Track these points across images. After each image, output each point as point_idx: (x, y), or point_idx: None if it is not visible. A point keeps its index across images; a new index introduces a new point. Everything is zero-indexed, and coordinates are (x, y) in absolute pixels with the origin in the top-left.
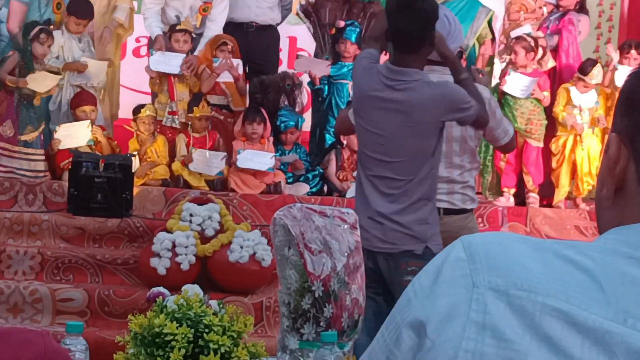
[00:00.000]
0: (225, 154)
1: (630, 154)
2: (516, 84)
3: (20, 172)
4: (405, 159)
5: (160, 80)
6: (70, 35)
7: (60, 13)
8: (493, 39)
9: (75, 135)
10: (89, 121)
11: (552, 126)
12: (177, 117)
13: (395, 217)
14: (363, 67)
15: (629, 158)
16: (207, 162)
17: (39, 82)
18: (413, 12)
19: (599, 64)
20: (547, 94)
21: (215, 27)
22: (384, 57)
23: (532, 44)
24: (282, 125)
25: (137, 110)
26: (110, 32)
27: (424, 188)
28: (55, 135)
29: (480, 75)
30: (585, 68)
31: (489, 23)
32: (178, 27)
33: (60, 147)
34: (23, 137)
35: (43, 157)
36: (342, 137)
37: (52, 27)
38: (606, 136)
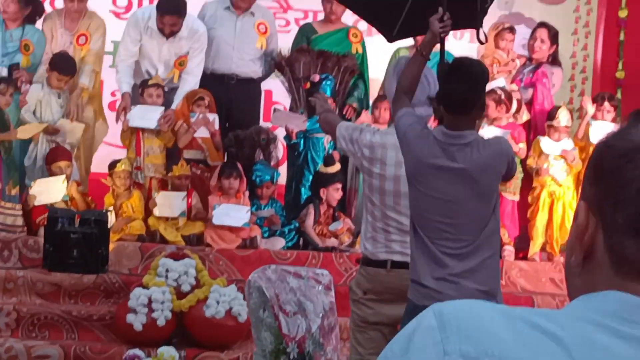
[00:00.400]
0: (185, 193)
1: (599, 222)
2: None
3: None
4: (472, 220)
5: (131, 135)
6: (50, 91)
7: (28, 54)
8: None
9: (50, 190)
10: (63, 176)
11: (529, 178)
12: (141, 172)
13: (470, 275)
14: (417, 133)
15: (597, 226)
16: (170, 203)
17: (28, 132)
18: (466, 75)
19: (563, 107)
20: (522, 145)
21: (192, 79)
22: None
23: (503, 96)
24: (258, 179)
25: (112, 165)
26: (78, 96)
27: (492, 244)
28: (31, 191)
29: None
30: (551, 114)
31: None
32: (150, 82)
33: (36, 203)
34: (9, 192)
35: (21, 212)
36: (321, 192)
37: (21, 76)
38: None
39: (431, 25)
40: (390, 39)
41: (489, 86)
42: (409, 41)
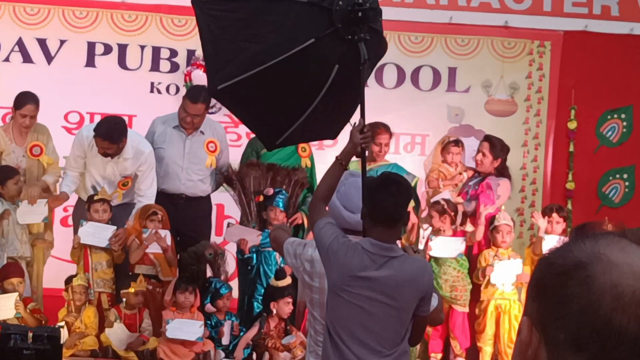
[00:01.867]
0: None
1: (541, 337)
2: (442, 247)
3: None
4: (390, 333)
5: (80, 251)
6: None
7: None
8: (417, 206)
9: (3, 307)
10: (16, 294)
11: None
12: (91, 289)
13: None
14: (343, 245)
15: (540, 342)
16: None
17: None
18: (397, 189)
19: (499, 213)
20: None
21: (146, 201)
22: None
23: (445, 206)
24: (220, 291)
25: (69, 280)
26: (39, 189)
27: None
28: None
29: (416, 253)
30: (492, 222)
31: (414, 189)
32: (96, 197)
33: None
34: None
35: None
36: (271, 306)
37: None
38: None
39: (352, 137)
40: (272, 146)
41: (434, 199)
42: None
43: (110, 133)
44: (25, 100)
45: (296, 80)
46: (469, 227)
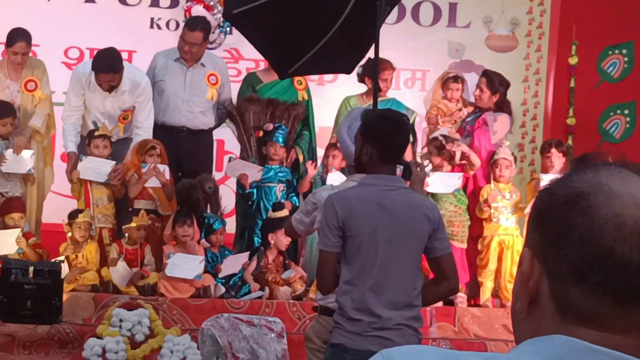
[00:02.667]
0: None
1: (543, 268)
2: (439, 183)
3: None
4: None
5: (80, 186)
6: None
7: None
8: (414, 142)
9: (5, 242)
10: (19, 230)
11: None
12: (94, 224)
13: None
14: (340, 198)
15: (542, 272)
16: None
17: None
18: (407, 128)
19: (500, 148)
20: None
21: (143, 133)
22: None
23: (443, 142)
24: (213, 226)
25: (73, 214)
26: (26, 138)
27: None
28: None
29: (418, 169)
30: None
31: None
32: (97, 133)
33: None
34: None
35: None
36: (269, 237)
37: None
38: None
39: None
40: (284, 75)
41: (433, 136)
42: (358, 89)
43: (110, 64)
44: (17, 38)
45: (312, 10)
46: (477, 161)
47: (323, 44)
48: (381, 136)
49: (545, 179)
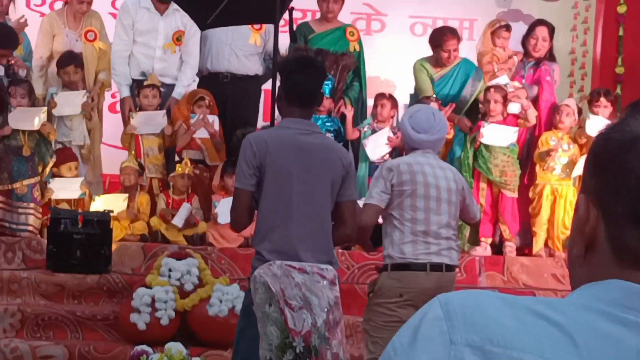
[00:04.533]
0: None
1: (599, 213)
2: (495, 135)
3: (11, 226)
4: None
5: (130, 137)
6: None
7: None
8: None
9: (68, 188)
10: (82, 178)
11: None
12: (145, 174)
13: None
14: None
15: (598, 218)
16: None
17: (24, 120)
18: (312, 70)
19: (565, 104)
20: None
21: (192, 61)
22: None
23: (508, 91)
24: None
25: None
26: (97, 93)
27: None
28: (49, 185)
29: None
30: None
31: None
32: (146, 83)
33: (53, 198)
34: (14, 188)
35: (33, 211)
36: None
37: (16, 62)
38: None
39: None
40: (204, 26)
41: (492, 84)
42: (404, 38)
43: None
44: None
45: None
46: (514, 107)
47: None
48: (285, 77)
49: (592, 121)
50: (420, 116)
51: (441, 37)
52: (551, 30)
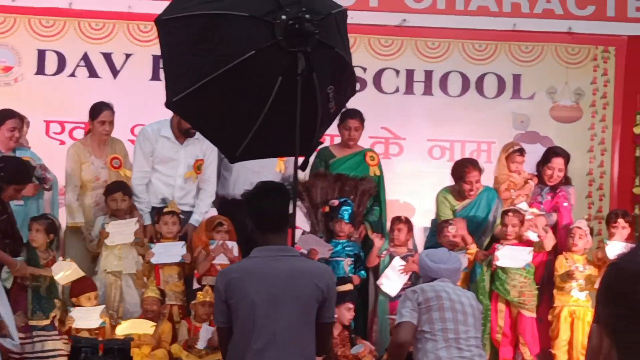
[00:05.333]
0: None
1: (612, 343)
2: (509, 257)
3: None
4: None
5: (150, 266)
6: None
7: None
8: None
9: (90, 317)
10: (103, 306)
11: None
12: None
13: None
14: None
15: (611, 347)
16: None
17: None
18: (277, 194)
19: (577, 227)
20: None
21: (210, 188)
22: None
23: (526, 217)
24: None
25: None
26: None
27: None
28: (70, 314)
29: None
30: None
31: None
32: (165, 210)
33: (74, 326)
34: (32, 323)
35: (58, 337)
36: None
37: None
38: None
39: None
40: (233, 159)
41: (511, 205)
42: (426, 164)
43: None
44: (102, 108)
45: (241, 92)
46: (532, 235)
47: (260, 126)
48: (251, 207)
49: (611, 246)
50: (437, 252)
51: (463, 170)
52: (567, 159)
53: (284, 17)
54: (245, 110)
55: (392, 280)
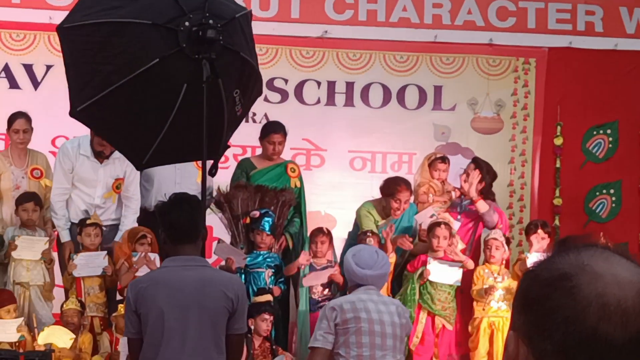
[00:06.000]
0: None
1: (529, 351)
2: (440, 272)
3: None
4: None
5: (72, 278)
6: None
7: None
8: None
9: (8, 331)
10: (22, 318)
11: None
12: (85, 312)
13: None
14: None
15: (528, 355)
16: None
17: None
18: (189, 206)
19: (492, 238)
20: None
21: (134, 204)
22: None
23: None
24: None
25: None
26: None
27: None
28: None
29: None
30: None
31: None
32: (88, 222)
33: None
34: None
35: None
36: (249, 323)
37: None
38: None
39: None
40: (140, 166)
41: (420, 216)
42: (344, 174)
43: None
44: (16, 116)
45: (147, 100)
46: (460, 245)
47: (166, 133)
48: (162, 218)
49: (531, 258)
50: (363, 254)
51: (395, 187)
52: (479, 166)
53: (187, 23)
54: (151, 118)
55: (314, 278)
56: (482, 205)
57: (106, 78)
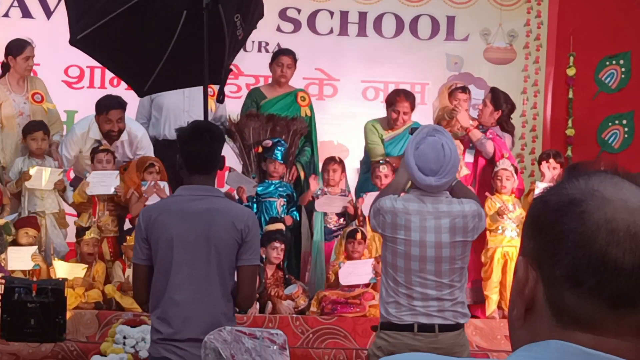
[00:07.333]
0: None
1: (538, 275)
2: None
3: None
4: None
5: (88, 197)
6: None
7: None
8: None
9: (21, 259)
10: (35, 247)
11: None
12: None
13: None
14: None
15: (537, 280)
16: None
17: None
18: (210, 137)
19: (500, 160)
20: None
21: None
22: None
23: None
24: None
25: (81, 232)
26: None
27: None
28: (2, 256)
29: None
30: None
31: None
32: (100, 148)
33: (8, 269)
34: None
35: None
36: (261, 252)
37: None
38: None
39: None
40: (141, 93)
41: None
42: (358, 104)
43: (119, 101)
44: (24, 45)
45: (147, 27)
46: (464, 171)
47: (167, 59)
48: (182, 145)
49: (541, 188)
50: (428, 153)
51: (395, 97)
52: (496, 96)
53: None
54: (151, 45)
55: (329, 204)
56: (474, 134)
57: (105, 6)
